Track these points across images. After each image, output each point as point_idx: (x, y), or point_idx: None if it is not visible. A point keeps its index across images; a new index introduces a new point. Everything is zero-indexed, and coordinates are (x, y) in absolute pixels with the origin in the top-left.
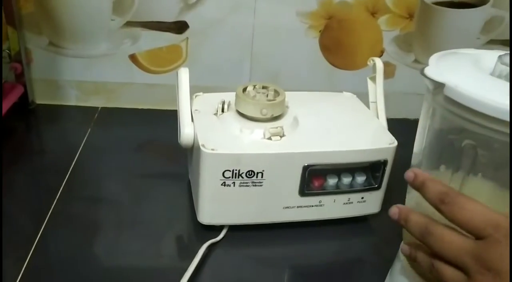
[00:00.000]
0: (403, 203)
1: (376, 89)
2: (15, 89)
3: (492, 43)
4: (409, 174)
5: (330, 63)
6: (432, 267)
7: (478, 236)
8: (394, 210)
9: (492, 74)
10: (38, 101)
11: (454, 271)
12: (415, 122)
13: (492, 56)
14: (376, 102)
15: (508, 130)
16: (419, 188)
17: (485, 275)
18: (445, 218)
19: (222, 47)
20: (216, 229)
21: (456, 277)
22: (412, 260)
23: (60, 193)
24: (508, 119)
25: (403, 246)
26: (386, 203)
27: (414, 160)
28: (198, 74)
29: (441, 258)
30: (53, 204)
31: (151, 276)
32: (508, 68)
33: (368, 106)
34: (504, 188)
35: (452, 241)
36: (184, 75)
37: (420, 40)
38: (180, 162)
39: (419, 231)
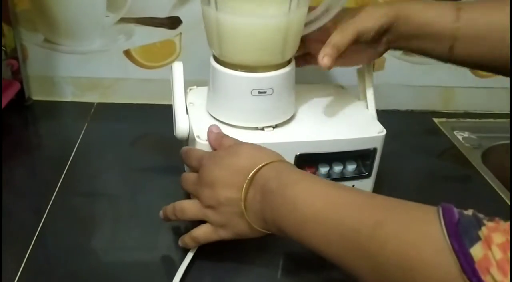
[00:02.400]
0: (392, 189)
1: (365, 81)
2: (11, 86)
3: None
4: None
5: None
6: (174, 209)
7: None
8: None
9: None
10: (35, 98)
11: (190, 202)
12: (405, 113)
13: None
14: (365, 93)
15: None
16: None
17: (204, 190)
18: None
19: None
20: None
21: (193, 206)
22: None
23: (59, 187)
24: None
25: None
26: (376, 190)
27: None
28: (192, 68)
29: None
30: (52, 199)
31: (149, 267)
32: None
33: (358, 98)
34: None
35: (187, 178)
36: (178, 69)
37: None
38: (176, 154)
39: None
